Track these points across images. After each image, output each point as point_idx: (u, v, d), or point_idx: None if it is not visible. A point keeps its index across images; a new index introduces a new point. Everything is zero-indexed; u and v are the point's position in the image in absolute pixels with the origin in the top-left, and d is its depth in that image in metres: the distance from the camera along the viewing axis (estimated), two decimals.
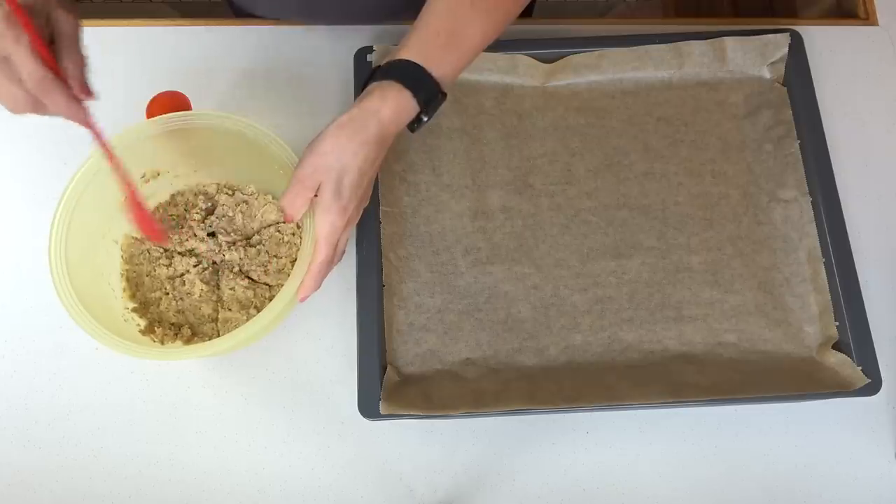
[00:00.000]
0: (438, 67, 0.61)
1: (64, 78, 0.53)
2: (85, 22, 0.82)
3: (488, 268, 0.72)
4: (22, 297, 0.73)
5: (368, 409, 0.66)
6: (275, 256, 0.70)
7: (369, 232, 0.71)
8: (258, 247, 0.70)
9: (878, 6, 0.85)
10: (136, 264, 0.70)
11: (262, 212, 0.72)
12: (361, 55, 0.77)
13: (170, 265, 0.70)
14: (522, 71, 0.78)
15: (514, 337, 0.70)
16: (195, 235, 0.70)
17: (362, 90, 0.63)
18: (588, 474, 0.68)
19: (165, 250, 0.70)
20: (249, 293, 0.69)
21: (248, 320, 0.64)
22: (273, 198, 0.72)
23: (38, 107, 0.54)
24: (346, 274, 0.72)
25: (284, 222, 0.65)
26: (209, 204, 0.72)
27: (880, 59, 0.83)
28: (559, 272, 0.72)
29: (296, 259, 0.70)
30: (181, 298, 0.69)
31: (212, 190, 0.73)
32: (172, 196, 0.73)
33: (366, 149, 0.60)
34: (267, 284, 0.69)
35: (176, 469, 0.68)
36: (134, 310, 0.68)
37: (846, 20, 0.87)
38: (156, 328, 0.67)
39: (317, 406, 0.70)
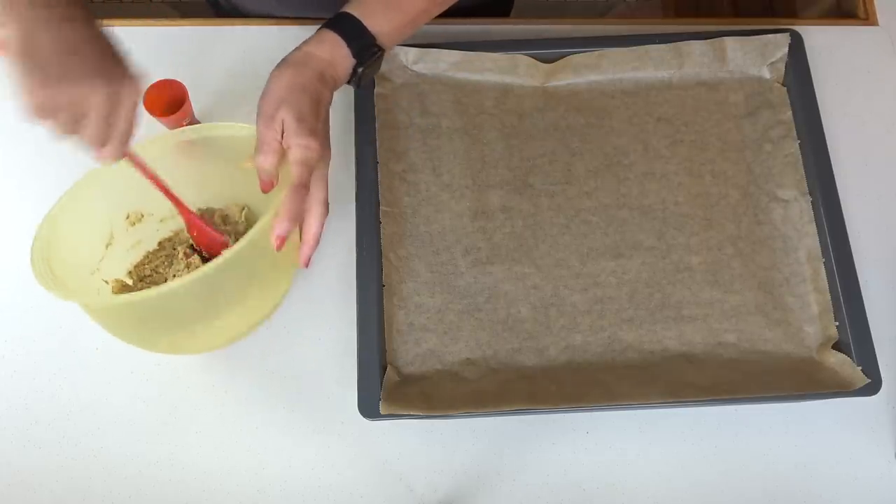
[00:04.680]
0: (376, 23, 0.64)
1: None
2: None
3: (488, 268, 0.72)
4: (22, 298, 0.73)
5: (368, 409, 0.66)
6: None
7: (369, 232, 0.71)
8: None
9: (878, 6, 0.85)
10: None
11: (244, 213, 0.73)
12: None
13: None
14: (522, 71, 0.78)
15: (514, 337, 0.70)
16: (186, 253, 0.70)
17: None
18: (588, 474, 0.68)
19: (156, 283, 0.71)
20: None
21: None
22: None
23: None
24: (346, 274, 0.72)
25: (263, 191, 0.63)
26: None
27: (880, 59, 0.83)
28: (559, 272, 0.72)
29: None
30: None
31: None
32: (160, 243, 0.73)
33: (312, 83, 0.62)
34: None
35: (176, 469, 0.68)
36: None
37: (846, 20, 0.87)
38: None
39: (317, 406, 0.70)
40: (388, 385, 0.67)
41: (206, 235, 0.69)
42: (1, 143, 0.78)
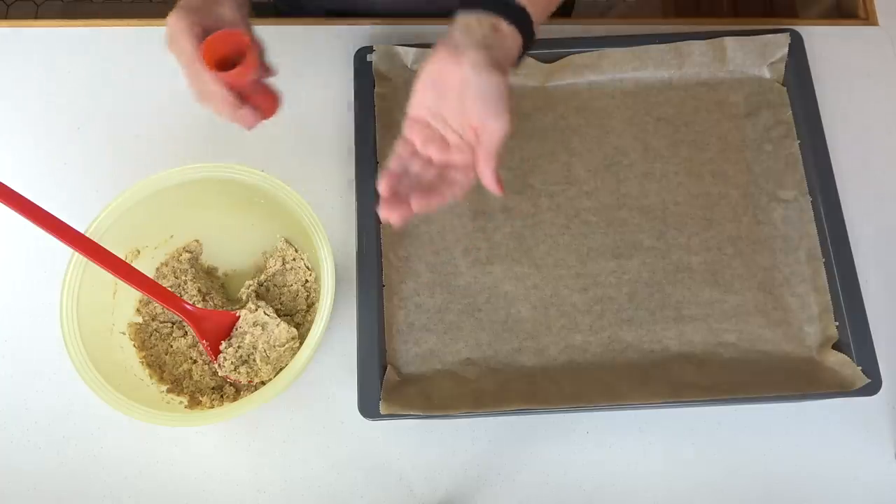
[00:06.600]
0: (537, 23, 0.59)
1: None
2: (85, 22, 0.82)
3: (488, 268, 0.72)
4: (22, 298, 0.73)
5: (368, 409, 0.66)
6: (284, 286, 0.70)
7: (369, 232, 0.71)
8: (267, 283, 0.70)
9: (878, 6, 0.85)
10: (151, 347, 0.69)
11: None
12: (361, 55, 0.77)
13: (186, 334, 0.69)
14: (522, 71, 0.78)
15: (514, 337, 0.70)
16: (193, 278, 0.70)
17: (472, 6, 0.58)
18: (588, 474, 0.68)
19: (174, 323, 0.70)
20: None
21: (284, 351, 0.66)
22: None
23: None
24: (346, 274, 0.72)
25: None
26: (191, 254, 0.72)
27: (880, 59, 0.83)
28: (559, 272, 0.72)
29: (306, 281, 0.71)
30: (211, 361, 0.68)
31: (193, 246, 0.73)
32: (158, 269, 0.72)
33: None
34: (288, 315, 0.70)
35: (176, 469, 0.68)
36: (169, 391, 0.67)
37: (846, 20, 0.87)
38: (200, 398, 0.67)
39: (317, 406, 0.70)
40: (387, 385, 0.67)
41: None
42: (1, 142, 0.78)
